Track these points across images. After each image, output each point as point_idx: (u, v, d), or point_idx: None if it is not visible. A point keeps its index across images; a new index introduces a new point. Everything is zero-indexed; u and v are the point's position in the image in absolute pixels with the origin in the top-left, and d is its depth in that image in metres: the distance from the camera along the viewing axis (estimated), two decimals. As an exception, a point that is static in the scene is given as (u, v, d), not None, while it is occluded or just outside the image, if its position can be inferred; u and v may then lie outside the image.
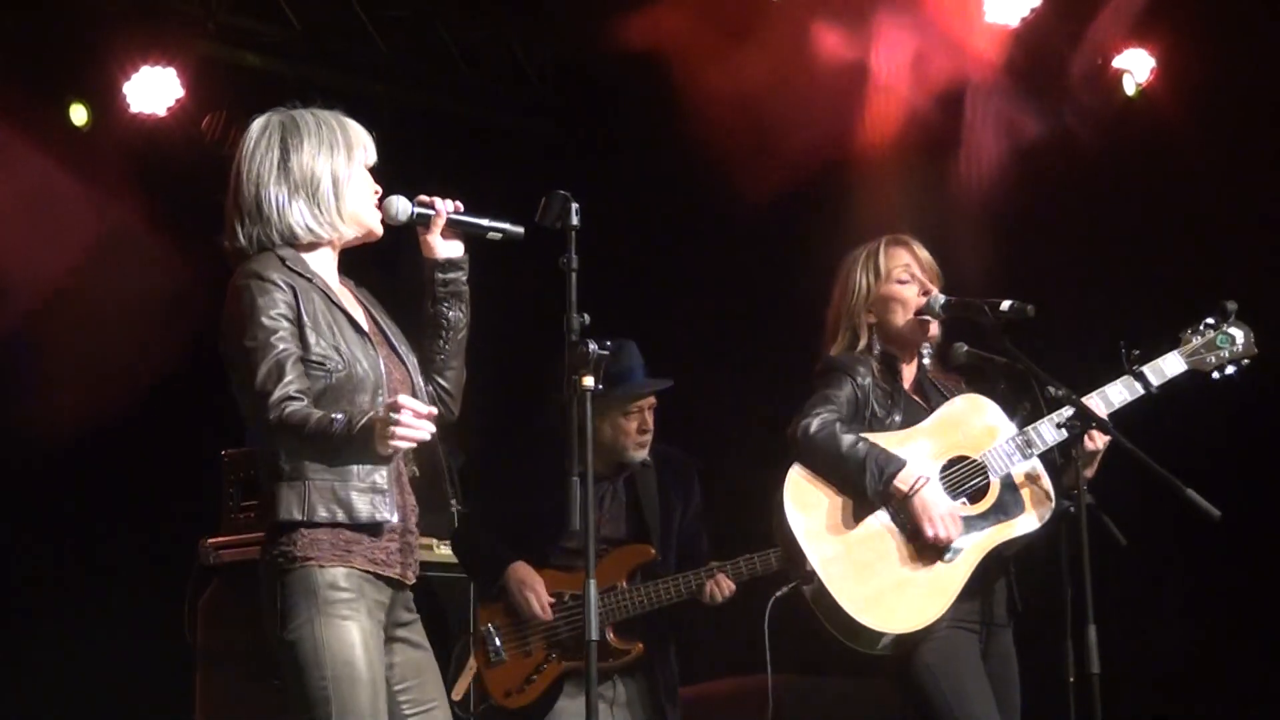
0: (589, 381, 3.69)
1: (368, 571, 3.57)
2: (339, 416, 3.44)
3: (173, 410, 7.26)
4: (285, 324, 3.54)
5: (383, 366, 3.64)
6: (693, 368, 7.24)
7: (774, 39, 6.77)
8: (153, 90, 7.33)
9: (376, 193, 3.76)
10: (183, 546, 5.93)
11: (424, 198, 3.80)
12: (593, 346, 3.68)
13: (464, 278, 3.84)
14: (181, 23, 7.34)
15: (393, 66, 7.91)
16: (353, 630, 3.51)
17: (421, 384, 3.77)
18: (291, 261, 3.63)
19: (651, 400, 5.45)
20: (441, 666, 3.84)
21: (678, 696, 5.41)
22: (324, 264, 3.71)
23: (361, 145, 3.76)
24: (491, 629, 5.34)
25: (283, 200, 3.67)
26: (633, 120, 7.75)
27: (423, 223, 3.80)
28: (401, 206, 3.77)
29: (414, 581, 3.69)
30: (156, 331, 7.14)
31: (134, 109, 7.36)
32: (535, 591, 5.27)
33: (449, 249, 3.82)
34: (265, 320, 3.53)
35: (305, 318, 3.57)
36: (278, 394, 3.48)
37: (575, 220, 3.77)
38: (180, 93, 7.35)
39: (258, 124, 3.80)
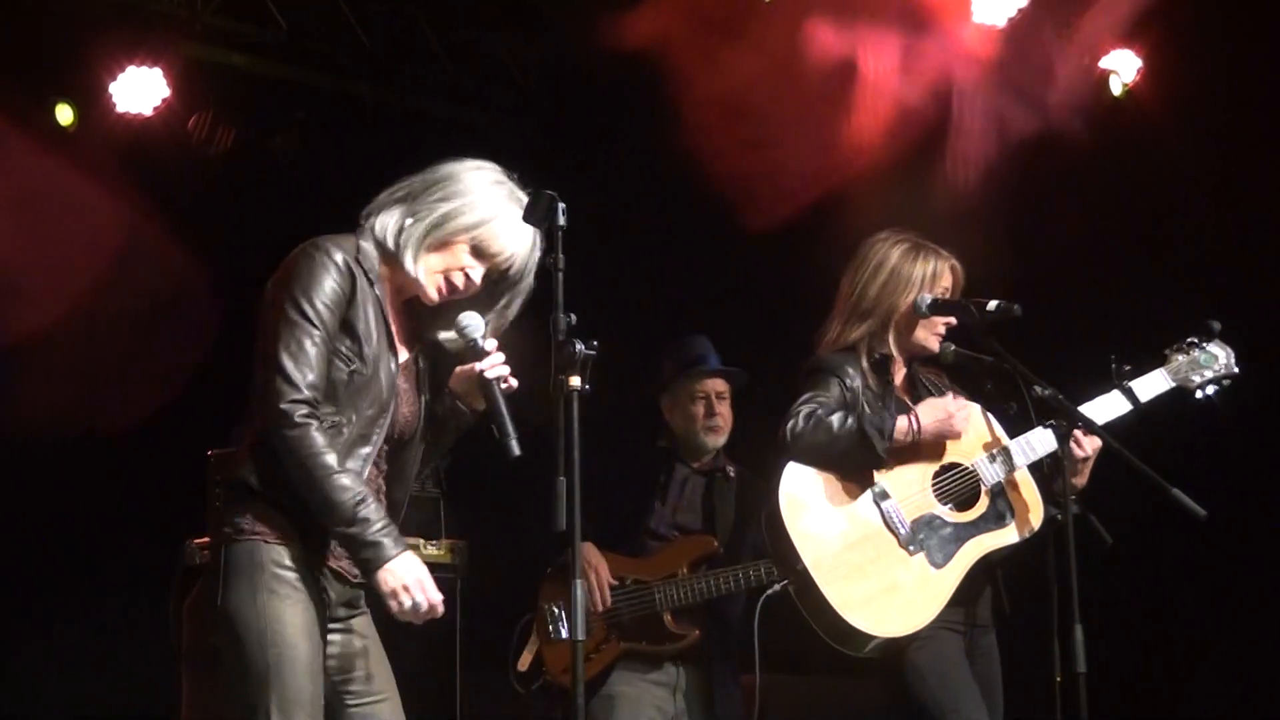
0: (575, 382, 3.68)
1: (315, 557, 3.53)
2: (360, 510, 3.42)
3: (158, 409, 7.25)
4: (328, 313, 3.52)
5: (396, 394, 3.63)
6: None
7: (763, 39, 6.77)
8: (139, 90, 7.32)
9: (466, 272, 3.68)
10: (168, 547, 5.91)
11: (491, 344, 3.72)
12: (579, 347, 3.67)
13: (467, 420, 3.80)
14: (168, 23, 7.33)
15: (379, 67, 7.90)
16: (296, 610, 3.48)
17: (424, 424, 3.75)
18: (363, 257, 3.62)
19: (719, 387, 5.62)
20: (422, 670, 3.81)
21: (734, 691, 5.46)
22: (390, 279, 3.68)
23: (486, 222, 3.69)
24: (553, 608, 5.44)
25: (395, 204, 3.68)
26: (619, 120, 7.75)
27: (473, 355, 3.72)
28: (471, 324, 3.70)
29: (363, 582, 3.61)
30: (142, 331, 7.13)
31: (120, 109, 7.35)
32: (597, 573, 5.38)
33: (470, 397, 3.78)
34: (315, 299, 3.51)
35: (352, 310, 3.56)
36: (292, 397, 3.44)
37: (562, 220, 3.76)
38: (166, 93, 7.35)
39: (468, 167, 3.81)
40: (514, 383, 3.69)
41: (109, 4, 7.22)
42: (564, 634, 5.41)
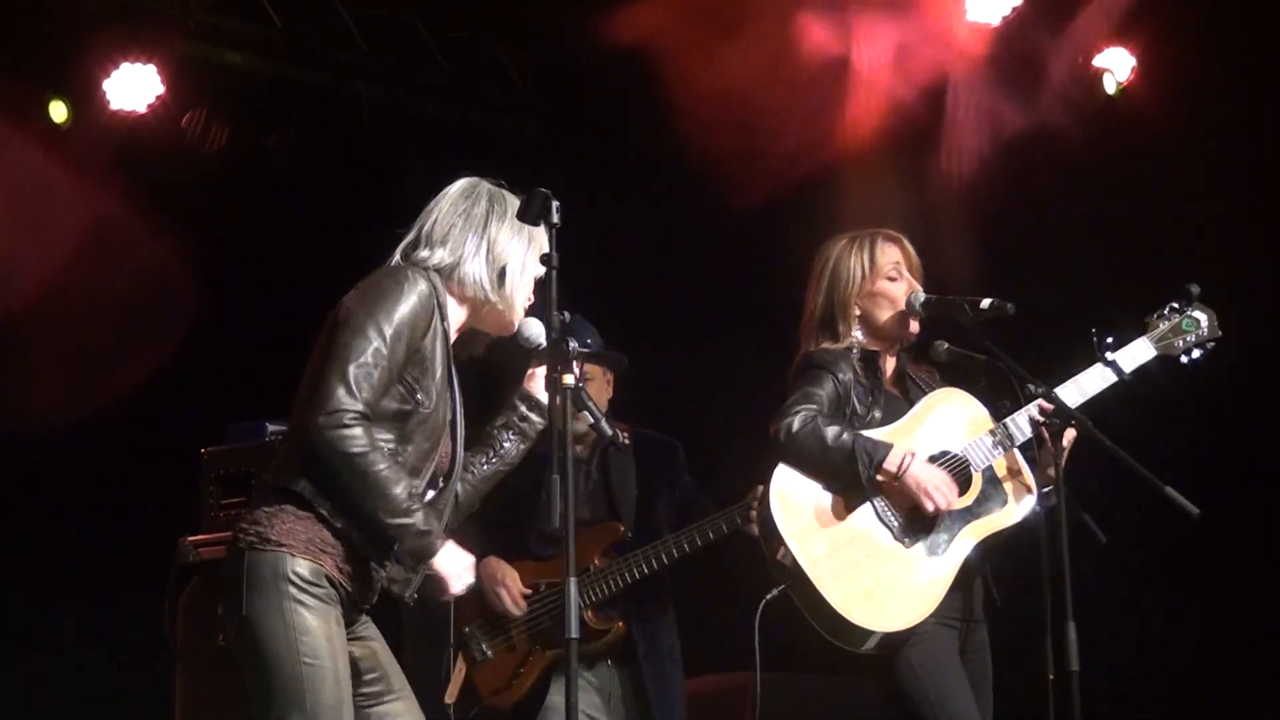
0: (570, 380, 3.68)
1: (332, 577, 3.58)
2: (414, 502, 3.54)
3: (152, 407, 7.24)
4: (401, 342, 3.60)
5: (447, 427, 3.74)
6: (675, 365, 7.25)
7: (757, 36, 6.77)
8: (133, 87, 7.32)
9: (530, 301, 3.85)
10: (162, 544, 5.91)
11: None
12: (573, 344, 3.68)
13: (540, 426, 3.93)
14: (161, 20, 7.32)
15: (374, 65, 7.90)
16: (322, 622, 3.52)
17: (461, 463, 3.85)
18: (439, 294, 3.71)
19: (590, 370, 5.32)
20: (424, 663, 3.83)
21: (674, 680, 5.32)
22: (457, 315, 3.80)
23: (542, 255, 3.80)
24: (473, 629, 5.29)
25: (470, 249, 3.76)
26: (615, 118, 7.74)
27: (541, 358, 3.86)
28: (537, 331, 3.84)
29: (368, 606, 3.73)
30: (136, 328, 7.13)
31: (114, 106, 7.34)
32: (506, 586, 5.22)
33: (546, 396, 3.85)
34: (395, 324, 3.59)
35: (426, 342, 3.66)
36: (350, 405, 3.52)
37: (556, 218, 3.77)
38: (160, 90, 7.34)
39: (466, 180, 3.89)
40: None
41: (103, 1, 7.21)
42: (488, 653, 5.30)
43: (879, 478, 4.37)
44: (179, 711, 5.73)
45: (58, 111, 7.36)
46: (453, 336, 3.78)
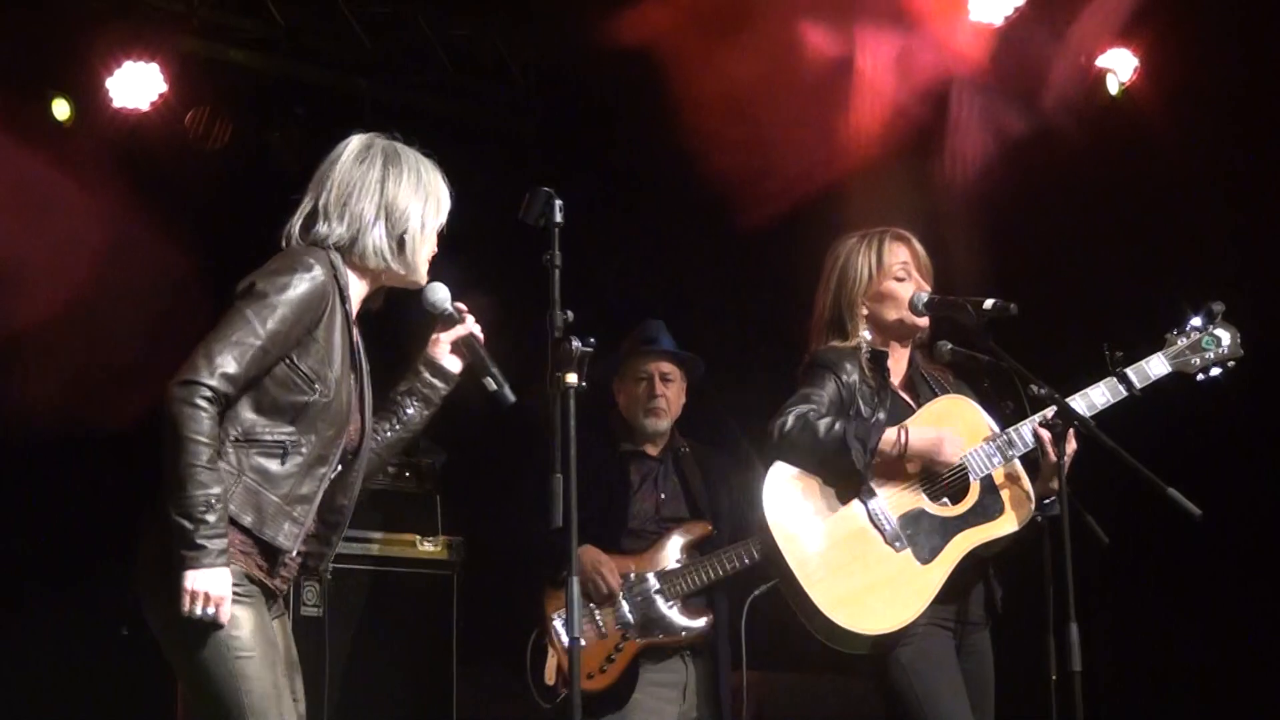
0: (572, 379, 3.69)
1: (252, 575, 3.59)
2: (207, 513, 3.43)
3: (150, 407, 7.23)
4: (284, 326, 3.55)
5: (356, 407, 3.71)
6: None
7: (760, 37, 6.77)
8: (136, 85, 7.32)
9: (434, 253, 3.83)
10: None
11: (461, 305, 3.89)
12: (576, 344, 3.68)
13: (444, 392, 3.92)
14: (164, 18, 7.33)
15: (376, 63, 7.90)
16: (248, 614, 3.53)
17: (371, 430, 3.81)
18: (340, 276, 3.68)
19: (664, 368, 5.57)
20: (425, 660, 3.81)
21: (729, 680, 5.49)
22: (359, 289, 3.77)
23: (446, 207, 3.83)
24: (560, 616, 5.39)
25: (369, 218, 3.72)
26: (616, 117, 7.75)
27: (446, 323, 3.88)
28: (442, 296, 3.85)
29: (283, 590, 3.71)
30: (137, 326, 7.11)
31: (117, 104, 7.34)
32: (609, 569, 5.38)
33: (449, 361, 3.91)
34: (277, 308, 3.55)
35: (320, 330, 3.61)
36: (204, 379, 3.49)
37: (559, 217, 3.78)
38: (163, 88, 7.35)
39: (360, 139, 3.86)
40: (481, 337, 3.88)
41: (106, -1, 7.23)
42: (580, 641, 5.41)
43: (874, 461, 4.37)
44: (181, 711, 5.72)
45: (60, 110, 7.36)
46: (355, 311, 3.74)
